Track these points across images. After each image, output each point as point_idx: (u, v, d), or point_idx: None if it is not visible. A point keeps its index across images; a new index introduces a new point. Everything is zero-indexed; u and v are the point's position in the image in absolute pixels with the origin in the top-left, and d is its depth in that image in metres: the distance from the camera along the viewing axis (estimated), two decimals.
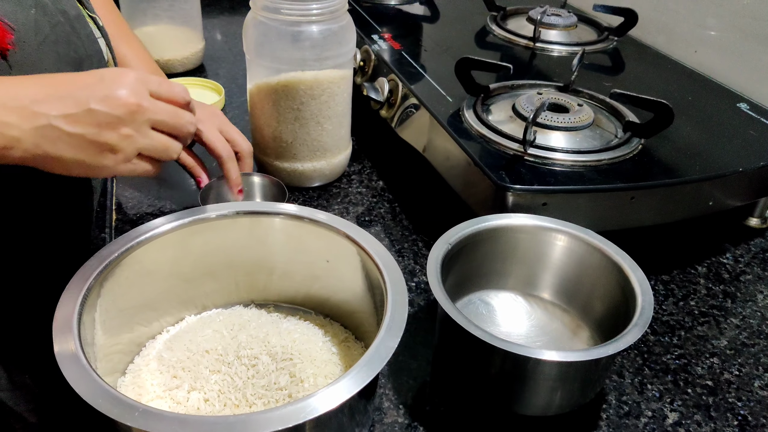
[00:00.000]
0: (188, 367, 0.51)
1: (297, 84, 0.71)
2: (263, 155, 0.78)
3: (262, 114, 0.75)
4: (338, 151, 0.78)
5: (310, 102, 0.72)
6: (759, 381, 0.57)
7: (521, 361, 0.47)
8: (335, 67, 0.72)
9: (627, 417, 0.53)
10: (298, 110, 0.73)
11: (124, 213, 0.73)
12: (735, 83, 0.86)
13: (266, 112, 0.74)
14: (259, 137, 0.77)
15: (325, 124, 0.75)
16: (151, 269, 0.53)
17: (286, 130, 0.74)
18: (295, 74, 0.71)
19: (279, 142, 0.75)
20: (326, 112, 0.74)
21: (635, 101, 0.70)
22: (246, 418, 0.38)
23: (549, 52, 0.93)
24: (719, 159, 0.68)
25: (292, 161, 0.76)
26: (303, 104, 0.72)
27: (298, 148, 0.75)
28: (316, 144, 0.76)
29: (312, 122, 0.74)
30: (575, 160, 0.65)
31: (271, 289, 0.59)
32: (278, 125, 0.74)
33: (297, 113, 0.73)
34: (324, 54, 0.70)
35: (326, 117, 0.74)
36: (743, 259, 0.72)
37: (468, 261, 0.58)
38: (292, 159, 0.76)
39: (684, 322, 0.63)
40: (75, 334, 0.42)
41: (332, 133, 0.76)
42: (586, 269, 0.58)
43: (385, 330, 0.43)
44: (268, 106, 0.73)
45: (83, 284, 0.46)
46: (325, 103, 0.73)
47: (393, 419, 0.51)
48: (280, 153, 0.76)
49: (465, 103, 0.73)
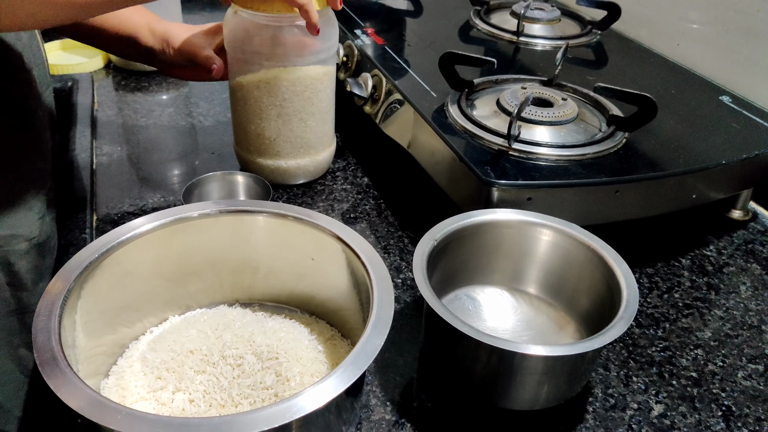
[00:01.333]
0: (173, 367, 0.50)
1: (279, 80, 0.70)
2: (246, 152, 0.77)
3: (244, 111, 0.74)
4: (322, 147, 0.78)
5: (293, 98, 0.72)
6: (742, 372, 0.57)
7: (508, 356, 0.47)
8: (318, 63, 0.72)
9: (613, 410, 0.53)
10: (280, 107, 0.72)
11: (105, 213, 0.72)
12: (717, 76, 0.86)
13: (248, 109, 0.73)
14: (242, 134, 0.76)
15: (308, 120, 0.74)
16: (133, 270, 0.52)
17: (269, 126, 0.73)
18: (278, 70, 0.70)
19: (262, 138, 0.74)
20: (309, 109, 0.73)
21: (619, 95, 0.70)
22: (232, 419, 0.37)
23: (533, 46, 0.93)
24: (702, 152, 0.69)
25: (276, 158, 0.76)
26: (285, 100, 0.72)
27: (282, 145, 0.75)
28: (300, 141, 0.75)
29: (295, 119, 0.73)
30: (560, 155, 0.65)
31: (255, 287, 0.59)
32: (261, 122, 0.73)
33: (279, 110, 0.72)
34: (305, 49, 0.70)
35: (309, 113, 0.73)
36: (726, 251, 0.73)
37: (454, 257, 0.58)
38: (275, 156, 0.75)
39: (668, 314, 0.63)
40: (55, 337, 0.41)
41: (316, 129, 0.75)
42: (572, 263, 0.58)
43: (372, 327, 0.43)
44: (249, 102, 0.73)
45: (63, 286, 0.45)
46: (309, 99, 0.72)
47: (380, 416, 0.51)
48: (263, 150, 0.75)
49: (449, 99, 0.73)
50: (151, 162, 0.82)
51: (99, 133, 0.87)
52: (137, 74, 1.03)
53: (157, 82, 1.02)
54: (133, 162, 0.82)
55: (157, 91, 0.99)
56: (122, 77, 1.03)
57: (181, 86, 1.01)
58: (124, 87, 1.00)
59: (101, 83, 1.01)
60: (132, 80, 1.02)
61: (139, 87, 1.00)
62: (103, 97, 0.97)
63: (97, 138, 0.86)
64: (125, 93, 0.99)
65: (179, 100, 0.98)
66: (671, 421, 0.52)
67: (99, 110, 0.93)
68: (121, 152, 0.83)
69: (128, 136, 0.87)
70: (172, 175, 0.80)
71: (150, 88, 1.00)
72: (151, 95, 0.98)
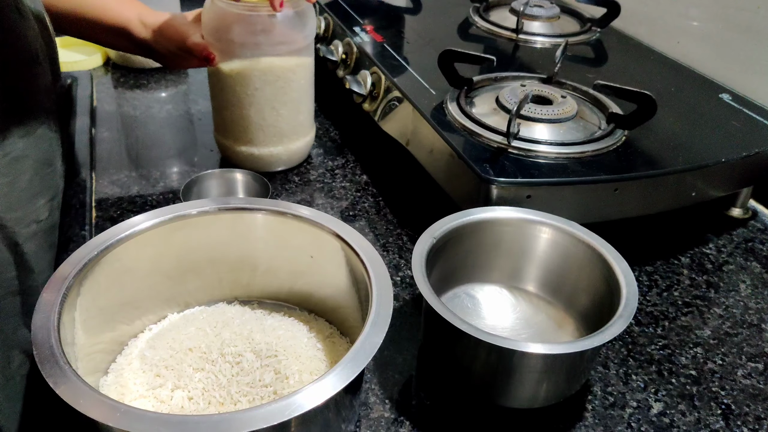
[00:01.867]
0: (171, 365, 0.50)
1: (251, 69, 0.72)
2: (223, 138, 0.79)
3: (220, 98, 0.75)
4: (296, 137, 0.79)
5: (265, 87, 0.73)
6: (742, 370, 0.57)
7: (507, 354, 0.47)
8: (292, 54, 0.72)
9: (612, 408, 0.53)
10: (252, 95, 0.73)
11: (104, 210, 0.72)
12: (717, 74, 0.86)
13: (223, 97, 0.75)
14: (219, 120, 0.78)
15: (281, 109, 0.75)
16: (132, 267, 0.52)
17: (242, 114, 0.75)
18: (250, 60, 0.71)
19: (236, 126, 0.76)
20: (282, 98, 0.74)
21: (618, 92, 0.70)
22: (231, 417, 0.37)
23: (532, 43, 0.93)
24: (702, 150, 0.69)
25: (249, 145, 0.77)
26: (257, 90, 0.73)
27: (254, 133, 0.76)
28: (273, 129, 0.76)
29: (267, 107, 0.74)
30: (559, 153, 0.65)
31: (254, 285, 0.59)
32: (234, 109, 0.75)
33: (252, 98, 0.73)
34: (279, 39, 0.71)
35: (282, 102, 0.74)
36: (726, 249, 0.73)
37: (453, 255, 0.58)
38: (248, 143, 0.77)
39: (668, 312, 0.63)
40: (54, 335, 0.41)
41: (289, 118, 0.76)
42: (571, 261, 0.58)
43: (371, 325, 0.43)
44: (224, 90, 0.74)
45: (62, 283, 0.45)
46: (281, 88, 0.73)
47: (379, 414, 0.51)
48: (237, 137, 0.77)
49: (448, 96, 0.73)
50: (150, 159, 0.82)
51: (98, 130, 0.87)
52: (136, 71, 1.03)
53: (156, 79, 1.02)
54: (132, 159, 0.82)
55: (156, 89, 0.99)
56: (121, 74, 1.03)
57: (180, 83, 1.01)
58: (123, 84, 1.00)
59: (100, 80, 1.01)
60: (131, 77, 1.02)
61: (138, 84, 1.00)
62: (102, 94, 0.97)
63: (96, 135, 0.86)
64: (124, 90, 0.98)
65: (178, 97, 0.97)
66: (670, 420, 0.52)
67: (98, 107, 0.93)
68: (120, 149, 0.83)
69: (127, 133, 0.87)
70: (171, 173, 0.80)
71: (149, 85, 1.00)
72: (150, 92, 0.98)
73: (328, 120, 0.94)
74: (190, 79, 1.03)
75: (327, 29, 0.98)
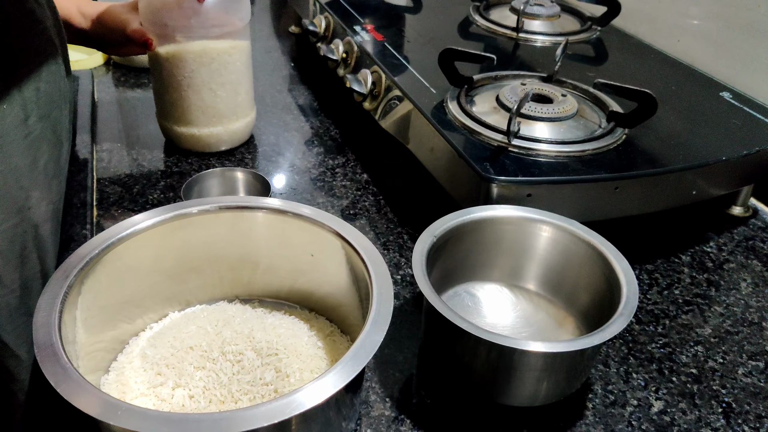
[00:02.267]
0: (172, 363, 0.51)
1: (186, 53, 0.74)
2: (164, 120, 0.81)
3: (159, 81, 0.78)
4: (235, 117, 0.81)
5: (201, 69, 0.75)
6: (743, 368, 0.57)
7: (507, 352, 0.47)
8: (226, 36, 0.75)
9: (613, 406, 0.53)
10: (189, 78, 0.76)
11: (106, 209, 0.72)
12: (718, 72, 0.86)
13: (162, 80, 0.77)
14: (160, 103, 0.81)
15: (218, 91, 0.77)
16: (133, 265, 0.52)
17: (180, 96, 0.77)
18: (185, 44, 0.73)
19: (175, 107, 0.78)
20: (219, 80, 0.77)
21: (619, 91, 0.70)
22: (232, 415, 0.37)
23: (532, 42, 0.93)
24: (702, 148, 0.69)
25: (189, 126, 0.79)
26: (193, 72, 0.75)
27: (194, 114, 0.78)
28: (211, 110, 0.78)
29: (204, 89, 0.77)
30: (559, 151, 0.65)
31: (255, 284, 0.59)
32: (173, 92, 0.77)
33: (189, 80, 0.76)
34: (212, 23, 0.73)
35: (219, 84, 0.77)
36: (726, 247, 0.73)
37: (453, 253, 0.58)
38: (189, 124, 0.79)
39: (668, 311, 0.63)
40: (56, 333, 0.41)
41: (227, 100, 0.79)
42: (571, 260, 0.58)
43: (371, 323, 0.43)
44: (163, 73, 0.76)
45: (63, 282, 0.45)
46: (216, 70, 0.76)
47: (380, 412, 0.51)
48: (177, 118, 0.79)
49: (449, 95, 0.73)
50: (151, 158, 0.82)
51: (99, 129, 0.87)
52: (137, 71, 1.03)
53: None
54: (133, 158, 0.82)
55: None
56: (122, 74, 1.03)
57: None
58: (124, 83, 1.00)
59: (101, 79, 1.01)
60: (132, 77, 1.02)
61: (139, 83, 1.00)
62: (103, 93, 0.97)
63: (97, 134, 0.86)
64: (125, 89, 0.99)
65: None
66: (671, 418, 0.52)
67: (99, 106, 0.93)
68: (120, 148, 0.83)
69: (128, 132, 0.87)
70: (172, 172, 0.80)
71: (149, 84, 1.00)
72: (151, 92, 0.98)
73: (329, 119, 0.94)
74: None
75: (327, 28, 0.98)
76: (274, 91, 1.01)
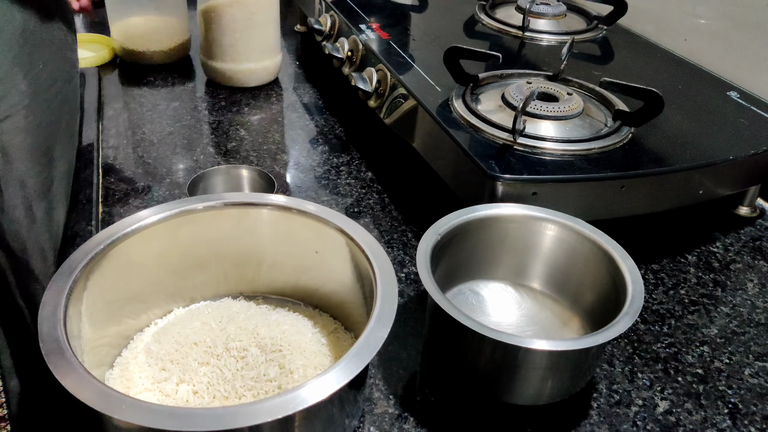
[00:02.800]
0: (177, 359, 0.51)
1: (222, 5, 0.92)
2: (206, 57, 0.98)
3: (206, 27, 0.95)
4: (265, 57, 0.99)
5: (237, 15, 0.93)
6: (749, 369, 0.57)
7: (512, 350, 0.47)
8: None
9: (618, 406, 0.53)
10: (227, 25, 0.93)
11: (111, 205, 0.72)
12: (725, 71, 0.86)
13: (208, 26, 0.95)
14: (205, 44, 0.97)
15: (251, 33, 0.95)
16: (138, 261, 0.52)
17: (221, 38, 0.95)
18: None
19: (216, 46, 0.96)
20: (250, 25, 0.94)
21: (625, 90, 0.70)
22: (235, 410, 0.37)
23: (538, 41, 0.93)
24: (709, 148, 0.68)
25: (227, 62, 0.97)
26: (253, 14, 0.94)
27: (230, 53, 0.96)
28: (244, 50, 0.96)
29: (239, 32, 0.94)
30: (565, 150, 0.65)
31: (259, 280, 0.59)
32: (215, 35, 0.95)
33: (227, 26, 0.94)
34: None
35: (251, 27, 0.95)
36: (733, 247, 0.72)
37: (458, 251, 0.58)
38: (226, 61, 0.97)
39: (674, 310, 0.63)
40: (61, 327, 0.42)
41: (259, 41, 0.97)
42: (577, 259, 0.58)
43: (375, 321, 0.43)
44: (208, 21, 0.94)
45: (69, 277, 0.45)
46: (248, 19, 0.94)
47: (383, 409, 0.51)
48: (216, 55, 0.97)
49: (454, 93, 0.73)
50: (156, 155, 0.82)
51: (105, 126, 0.87)
52: (143, 68, 1.03)
53: (162, 76, 1.02)
54: (139, 155, 0.82)
55: (163, 85, 0.99)
56: (128, 71, 1.03)
57: (187, 80, 1.02)
58: (130, 81, 1.00)
59: (108, 77, 1.01)
60: (138, 74, 1.02)
61: (145, 81, 1.00)
62: (109, 90, 0.97)
63: (103, 131, 0.86)
64: (131, 87, 0.99)
65: (185, 94, 0.98)
66: (677, 418, 0.52)
67: (105, 103, 0.93)
68: (126, 145, 0.84)
69: (134, 130, 0.87)
70: (177, 169, 0.80)
71: (156, 82, 1.00)
72: (157, 89, 0.98)
73: (334, 117, 0.94)
74: (198, 77, 1.03)
75: (333, 27, 0.98)
76: (280, 90, 1.01)
